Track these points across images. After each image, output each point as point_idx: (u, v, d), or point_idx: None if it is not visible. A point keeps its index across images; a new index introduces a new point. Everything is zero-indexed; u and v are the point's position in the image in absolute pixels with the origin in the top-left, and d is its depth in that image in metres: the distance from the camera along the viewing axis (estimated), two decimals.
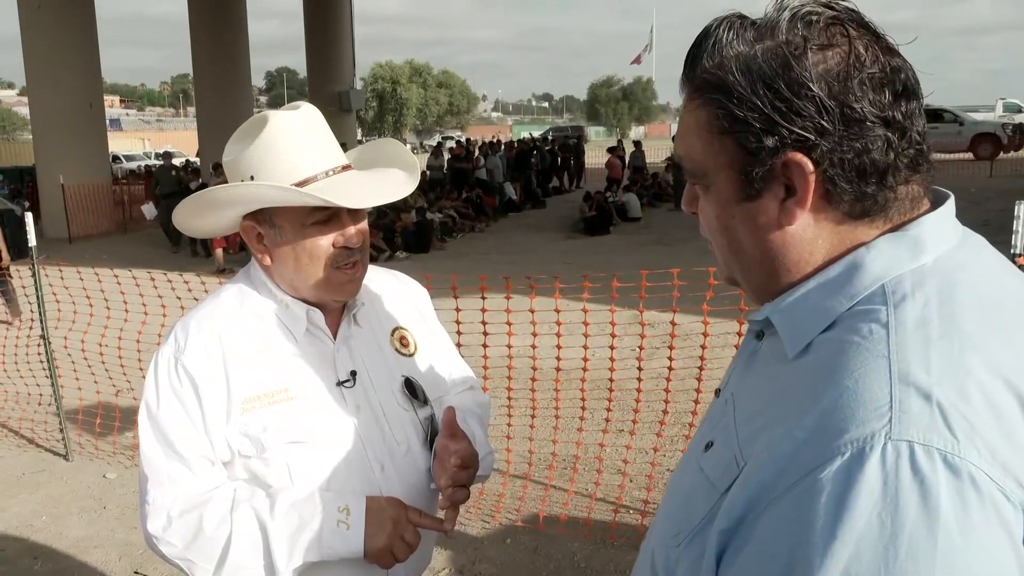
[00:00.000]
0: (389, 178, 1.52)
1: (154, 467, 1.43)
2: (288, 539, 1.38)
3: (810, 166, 0.78)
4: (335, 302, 1.53)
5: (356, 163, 1.55)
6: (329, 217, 1.43)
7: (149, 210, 15.90)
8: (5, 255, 9.47)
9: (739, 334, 3.25)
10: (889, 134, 0.78)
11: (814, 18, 0.79)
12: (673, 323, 4.11)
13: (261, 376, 1.46)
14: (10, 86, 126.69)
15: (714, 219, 0.88)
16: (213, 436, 1.43)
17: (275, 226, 1.45)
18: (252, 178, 1.42)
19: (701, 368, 4.14)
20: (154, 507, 1.43)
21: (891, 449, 0.67)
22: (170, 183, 15.55)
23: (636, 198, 17.69)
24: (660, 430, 4.44)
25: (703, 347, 4.12)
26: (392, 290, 1.70)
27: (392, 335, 1.63)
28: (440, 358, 1.72)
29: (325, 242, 1.44)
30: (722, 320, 4.36)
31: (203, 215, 1.53)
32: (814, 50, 0.78)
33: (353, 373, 1.53)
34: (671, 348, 4.17)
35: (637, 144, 24.22)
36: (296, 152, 1.42)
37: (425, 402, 1.60)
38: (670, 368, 4.22)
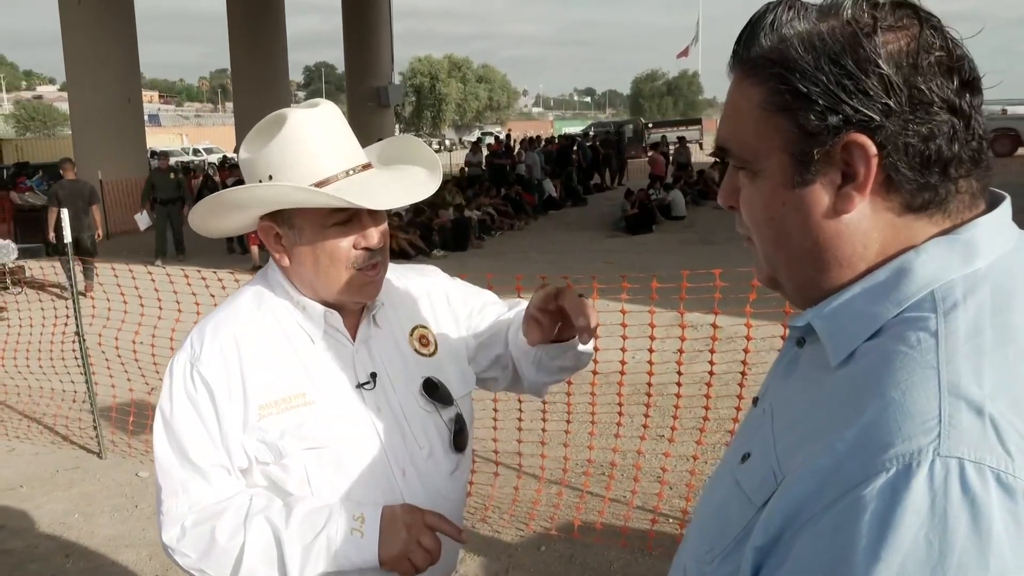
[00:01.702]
0: (411, 177, 1.51)
1: (169, 476, 1.44)
2: (302, 549, 1.38)
3: (873, 149, 0.75)
4: (355, 304, 1.53)
5: (377, 160, 1.54)
6: (349, 218, 1.42)
7: (143, 219, 14.29)
8: (100, 230, 10.05)
9: (783, 338, 3.20)
10: (955, 121, 0.75)
11: (880, 0, 0.78)
12: (715, 325, 4.06)
13: (278, 381, 1.45)
14: (51, 82, 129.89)
15: (760, 209, 0.85)
16: (230, 444, 1.43)
17: (294, 227, 1.45)
18: (270, 178, 1.41)
19: (744, 373, 4.08)
20: (168, 517, 1.43)
21: (939, 466, 0.64)
22: (169, 188, 14.24)
23: (681, 195, 17.54)
24: (700, 437, 4.39)
25: (746, 351, 4.07)
26: (412, 286, 1.68)
27: (411, 335, 1.62)
28: (459, 353, 1.68)
29: (345, 244, 1.43)
30: (766, 323, 4.29)
31: (220, 215, 1.52)
32: (883, 30, 0.76)
33: (373, 375, 1.52)
34: (713, 352, 4.12)
35: (681, 140, 24.07)
36: (315, 151, 1.41)
37: (449, 402, 1.59)
38: (711, 372, 4.17)
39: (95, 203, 11.22)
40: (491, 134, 43.40)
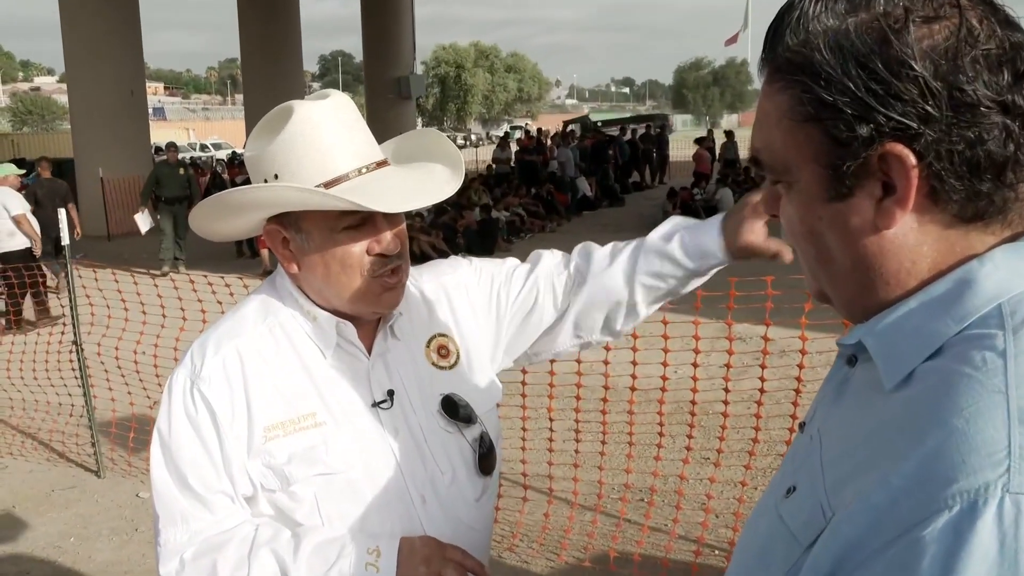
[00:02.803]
0: (430, 176, 1.50)
1: (166, 504, 1.44)
2: None
3: (912, 159, 0.73)
4: (372, 315, 1.52)
5: (393, 157, 1.53)
6: (362, 221, 1.41)
7: (144, 220, 12.94)
8: (79, 228, 10.21)
9: None
10: (1008, 121, 0.73)
11: None
12: (766, 338, 4.02)
13: (286, 400, 1.45)
14: (49, 72, 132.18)
15: (797, 222, 0.84)
16: (233, 469, 1.43)
17: (302, 231, 1.44)
18: (276, 177, 1.41)
19: (798, 391, 4.04)
20: (167, 548, 1.43)
21: (1009, 504, 0.62)
22: (176, 184, 13.15)
23: (730, 194, 17.42)
24: (749, 461, 4.35)
25: (800, 366, 4.03)
26: (427, 290, 1.66)
27: (428, 346, 1.60)
28: (485, 357, 1.67)
29: (358, 249, 1.42)
30: (823, 335, 4.23)
31: (223, 218, 1.52)
32: (917, 23, 0.73)
33: (390, 393, 1.51)
34: (763, 367, 4.09)
35: (729, 134, 23.92)
36: (325, 148, 1.40)
37: (471, 420, 1.57)
38: (762, 390, 4.13)
39: (70, 201, 11.69)
40: (519, 128, 43.48)
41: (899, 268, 0.79)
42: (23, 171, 10.87)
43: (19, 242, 9.71)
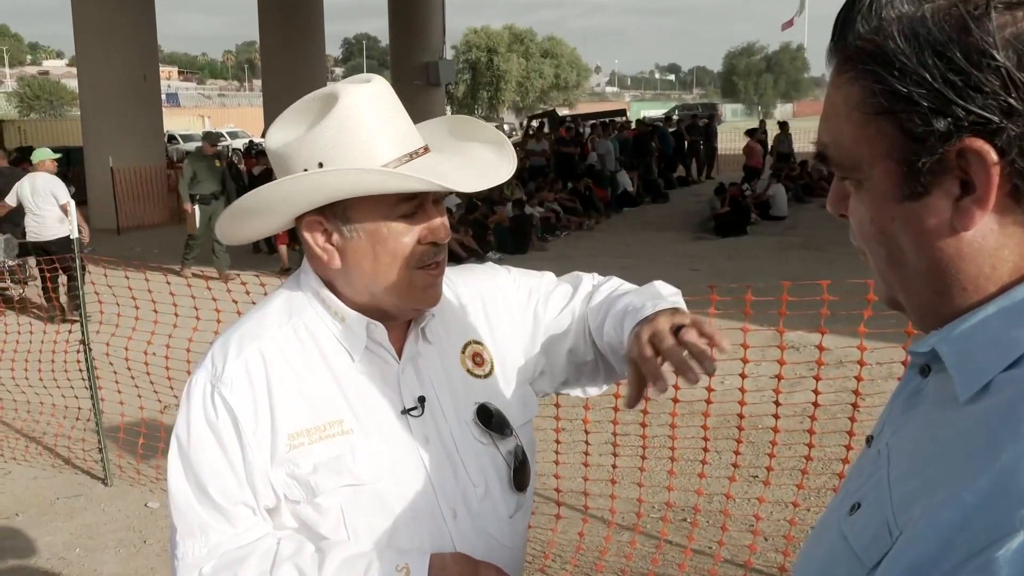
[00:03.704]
0: (481, 159, 1.51)
1: (185, 515, 1.45)
2: None
3: (994, 156, 0.73)
4: (414, 311, 1.52)
5: (432, 144, 1.54)
6: (416, 208, 1.43)
7: (196, 216, 12.38)
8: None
9: (904, 363, 3.14)
10: None
11: None
12: (821, 347, 3.99)
13: (312, 406, 1.46)
14: (59, 56, 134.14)
15: (868, 223, 0.84)
16: (255, 479, 1.44)
17: (349, 220, 1.43)
18: (320, 165, 1.40)
19: (855, 404, 4.01)
20: (184, 562, 1.44)
21: None
22: (213, 179, 12.51)
23: (783, 190, 17.31)
24: (802, 480, 4.33)
25: (859, 378, 4.00)
26: (463, 294, 1.67)
27: (464, 352, 1.61)
28: (520, 372, 1.67)
29: (410, 239, 1.43)
30: (884, 345, 4.21)
31: (262, 213, 1.50)
32: (1000, 10, 0.73)
33: (421, 399, 1.52)
34: (818, 378, 4.06)
35: (783, 125, 23.77)
36: (373, 134, 1.40)
37: (507, 432, 1.58)
38: (816, 403, 4.11)
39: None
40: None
41: (978, 273, 0.78)
42: (58, 155, 10.90)
43: (67, 229, 9.88)
